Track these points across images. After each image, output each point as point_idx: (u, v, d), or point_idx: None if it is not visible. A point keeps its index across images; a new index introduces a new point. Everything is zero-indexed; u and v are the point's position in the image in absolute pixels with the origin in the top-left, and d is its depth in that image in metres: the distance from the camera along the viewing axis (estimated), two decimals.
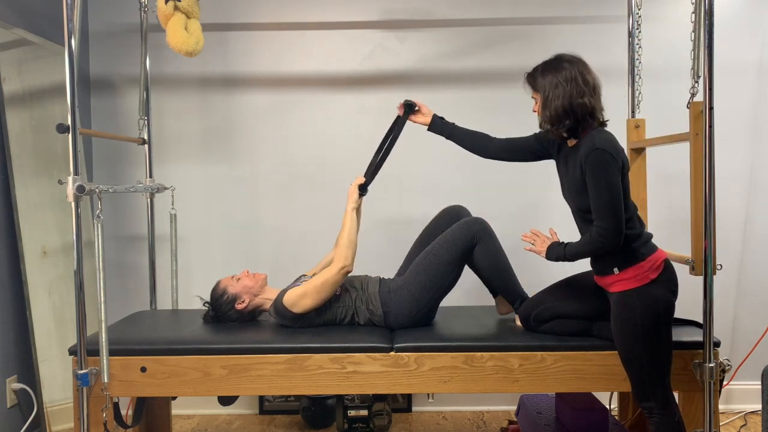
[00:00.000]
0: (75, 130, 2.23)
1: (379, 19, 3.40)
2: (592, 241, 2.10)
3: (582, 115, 2.13)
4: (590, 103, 2.12)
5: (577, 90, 2.11)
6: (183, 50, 2.68)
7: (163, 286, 3.30)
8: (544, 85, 2.17)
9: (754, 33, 3.35)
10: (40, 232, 2.88)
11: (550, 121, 2.17)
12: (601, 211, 2.07)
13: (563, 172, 2.28)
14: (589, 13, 3.36)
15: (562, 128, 2.16)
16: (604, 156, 2.06)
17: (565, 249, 2.19)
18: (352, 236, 2.49)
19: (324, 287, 2.45)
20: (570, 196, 2.23)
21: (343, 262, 2.44)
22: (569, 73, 2.13)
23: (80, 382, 2.22)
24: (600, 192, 2.06)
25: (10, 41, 2.82)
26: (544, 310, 2.36)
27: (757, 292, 3.40)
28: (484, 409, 3.47)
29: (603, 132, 2.15)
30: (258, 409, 3.47)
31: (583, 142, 2.14)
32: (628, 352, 2.10)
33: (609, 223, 2.06)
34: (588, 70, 2.17)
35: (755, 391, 3.35)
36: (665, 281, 2.12)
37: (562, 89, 2.12)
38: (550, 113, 2.15)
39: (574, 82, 2.12)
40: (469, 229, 2.51)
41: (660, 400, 2.08)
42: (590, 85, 2.14)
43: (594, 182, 2.07)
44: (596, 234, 2.09)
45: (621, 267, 2.12)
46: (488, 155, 2.53)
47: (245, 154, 3.43)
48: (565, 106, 2.12)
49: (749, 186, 3.38)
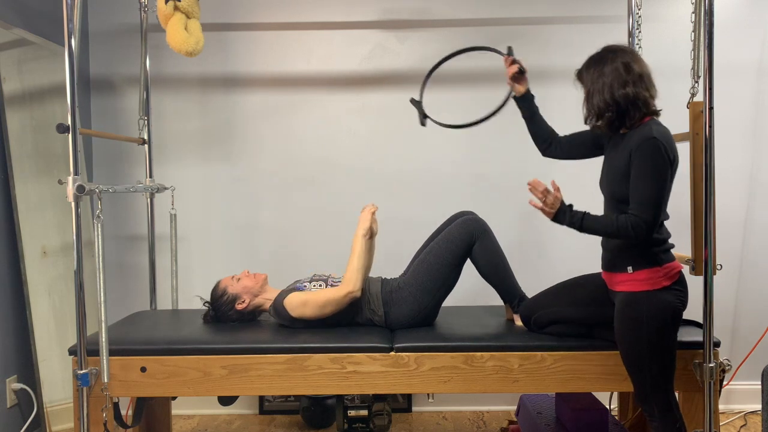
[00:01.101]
0: (75, 130, 2.23)
1: (379, 19, 3.40)
2: (620, 226, 2.01)
3: (625, 106, 2.06)
4: (633, 92, 2.05)
5: (618, 81, 2.05)
6: (183, 50, 2.68)
7: (163, 286, 3.30)
8: (587, 79, 2.14)
9: (754, 33, 3.35)
10: (40, 232, 2.88)
11: (590, 114, 2.14)
12: (642, 202, 2.00)
13: (608, 159, 2.20)
14: (589, 13, 3.36)
15: (606, 121, 2.11)
16: (658, 146, 1.99)
17: (582, 219, 2.07)
18: (362, 262, 2.47)
19: (326, 306, 2.44)
20: (608, 184, 2.16)
21: (351, 288, 2.44)
22: (611, 63, 2.07)
23: (80, 382, 2.22)
24: (646, 182, 2.00)
25: (10, 41, 2.82)
26: (544, 314, 2.35)
27: (757, 292, 3.40)
28: (484, 409, 3.47)
29: (660, 125, 2.08)
30: (258, 409, 3.47)
31: (637, 131, 2.07)
32: (631, 355, 2.08)
33: (648, 215, 1.99)
34: (635, 58, 2.09)
35: (755, 391, 3.35)
36: (677, 290, 2.08)
37: (603, 81, 2.07)
38: (592, 106, 2.12)
39: (616, 72, 2.06)
40: (467, 228, 2.51)
41: (662, 404, 2.07)
42: (635, 73, 2.06)
43: (642, 171, 2.00)
44: (629, 222, 2.00)
45: (636, 267, 2.07)
46: (551, 147, 2.46)
47: (245, 154, 3.43)
48: (606, 98, 2.07)
49: (749, 186, 3.39)
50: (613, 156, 2.16)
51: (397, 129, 3.41)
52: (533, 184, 2.09)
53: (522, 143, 3.39)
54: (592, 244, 3.27)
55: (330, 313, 2.45)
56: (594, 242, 3.28)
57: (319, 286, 2.55)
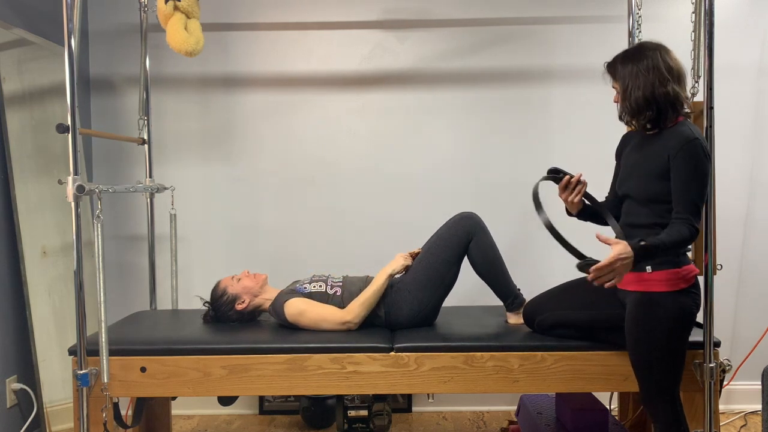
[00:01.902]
0: (75, 130, 2.23)
1: (379, 19, 3.40)
2: (684, 236, 1.93)
3: (665, 105, 2.03)
4: (674, 91, 2.02)
5: (660, 79, 2.01)
6: (183, 50, 2.68)
7: (163, 286, 3.30)
8: (624, 75, 2.07)
9: (754, 33, 3.35)
10: (40, 232, 2.88)
11: (630, 112, 2.08)
12: (692, 206, 1.96)
13: (634, 159, 2.14)
14: (589, 13, 3.36)
15: (644, 119, 2.06)
16: (703, 148, 1.97)
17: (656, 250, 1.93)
18: (375, 297, 2.46)
19: (322, 323, 2.44)
20: (637, 185, 2.10)
21: (351, 318, 2.43)
22: (651, 61, 2.03)
23: (80, 382, 2.22)
24: (693, 185, 1.96)
25: (10, 41, 2.81)
26: (549, 317, 2.33)
27: (757, 292, 3.40)
28: (484, 409, 3.46)
29: (694, 125, 2.04)
30: (258, 409, 3.47)
31: (672, 132, 2.03)
32: (641, 355, 2.05)
33: (698, 217, 1.96)
34: (672, 56, 2.06)
35: (755, 391, 3.35)
36: (693, 294, 2.05)
37: (644, 78, 2.02)
38: (631, 104, 2.06)
39: (656, 70, 2.02)
40: (463, 225, 2.51)
41: (667, 407, 2.05)
42: (674, 72, 2.03)
43: (689, 174, 1.96)
44: (687, 229, 1.94)
45: (655, 267, 2.02)
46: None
47: (245, 154, 3.43)
48: (647, 96, 2.02)
49: (749, 186, 3.39)
50: (644, 156, 2.10)
51: (397, 129, 3.41)
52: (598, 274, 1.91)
53: (522, 144, 3.40)
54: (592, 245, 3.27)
55: (323, 330, 2.44)
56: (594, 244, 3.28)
57: (319, 287, 2.55)
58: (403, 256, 2.55)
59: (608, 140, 3.26)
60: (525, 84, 3.38)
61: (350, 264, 3.30)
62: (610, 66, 2.15)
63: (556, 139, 3.39)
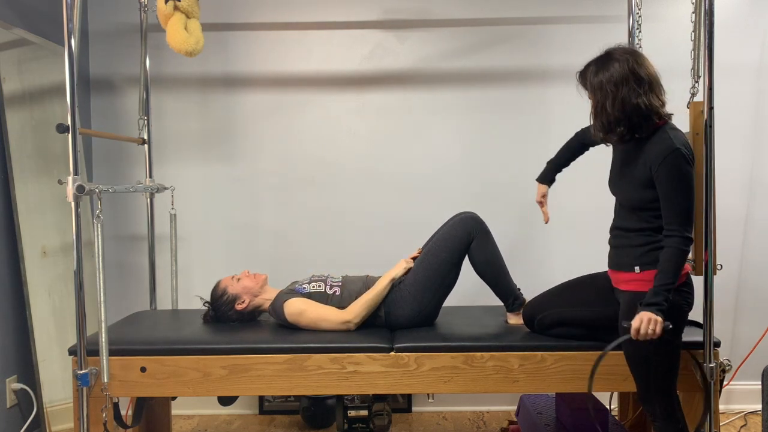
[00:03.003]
0: (75, 130, 2.23)
1: (379, 19, 3.40)
2: (677, 254, 1.95)
3: (637, 120, 1.99)
4: (645, 103, 1.97)
5: (629, 92, 1.97)
6: (183, 50, 2.68)
7: (163, 286, 3.30)
8: (594, 90, 2.04)
9: (754, 33, 3.35)
10: (40, 232, 2.88)
11: (602, 128, 2.05)
12: (680, 216, 1.95)
13: (619, 161, 2.15)
14: (589, 13, 3.36)
15: (615, 136, 2.05)
16: (685, 158, 1.95)
17: (666, 291, 1.94)
18: (376, 300, 2.46)
19: (321, 323, 2.44)
20: (623, 191, 2.12)
21: (351, 318, 2.43)
22: (619, 73, 1.98)
23: (80, 382, 2.22)
24: (679, 196, 1.95)
25: (10, 41, 2.81)
26: (549, 316, 2.33)
27: (757, 292, 3.40)
28: (484, 409, 3.46)
29: (676, 129, 2.03)
30: (258, 409, 3.47)
31: (654, 140, 2.01)
32: (635, 355, 2.06)
33: (687, 226, 1.95)
34: (642, 63, 2.00)
35: (755, 391, 3.35)
36: (683, 292, 2.05)
37: (612, 94, 1.98)
38: (602, 121, 2.03)
39: (625, 83, 1.97)
40: (464, 225, 2.51)
41: (664, 406, 2.06)
42: (645, 82, 1.98)
43: (672, 186, 1.96)
44: (678, 244, 1.95)
45: (644, 267, 2.04)
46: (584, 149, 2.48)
47: (245, 154, 3.43)
48: (617, 113, 1.99)
49: (749, 186, 3.39)
50: (627, 162, 2.10)
51: (397, 129, 3.41)
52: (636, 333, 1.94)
53: (522, 144, 3.40)
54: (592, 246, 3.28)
55: (323, 330, 2.44)
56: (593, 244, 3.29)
57: (318, 287, 2.55)
58: (406, 261, 2.55)
59: None
60: (525, 84, 3.38)
61: (350, 264, 3.30)
62: (580, 77, 2.11)
63: (556, 139, 3.38)
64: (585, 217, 3.34)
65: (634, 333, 1.95)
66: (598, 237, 2.88)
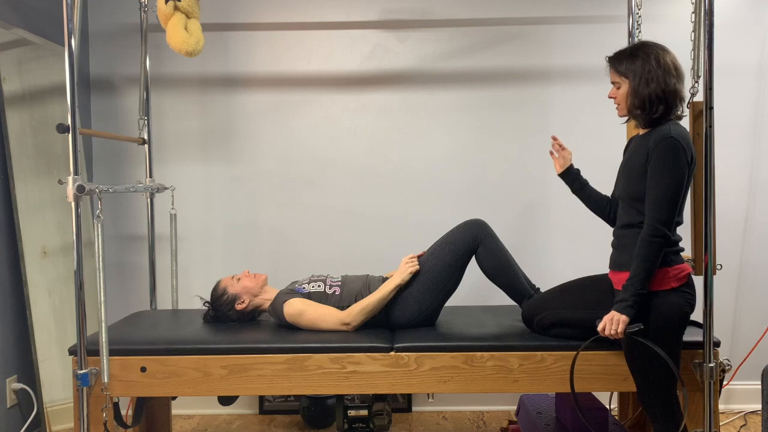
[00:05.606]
0: (75, 130, 2.23)
1: (379, 19, 3.40)
2: (643, 245, 1.98)
3: (674, 101, 2.06)
4: (681, 90, 2.06)
5: (669, 77, 2.04)
6: (183, 50, 2.68)
7: (163, 286, 3.30)
8: (634, 70, 2.07)
9: (754, 33, 3.35)
10: (40, 232, 2.88)
11: (641, 106, 2.06)
12: (657, 201, 1.97)
13: (624, 160, 2.20)
14: (589, 13, 3.36)
15: (654, 114, 2.06)
16: (676, 145, 1.98)
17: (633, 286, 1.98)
18: (378, 305, 2.45)
19: (321, 323, 2.43)
20: (625, 185, 2.13)
21: (350, 320, 2.42)
22: (662, 59, 2.05)
23: (80, 382, 2.22)
24: (661, 181, 1.98)
25: (10, 41, 2.82)
26: (548, 316, 2.33)
27: (757, 292, 3.40)
28: (484, 409, 3.47)
29: (679, 125, 2.06)
30: (258, 409, 3.47)
31: (656, 131, 2.05)
32: (635, 356, 2.06)
33: (661, 214, 1.96)
34: (673, 56, 2.10)
35: (755, 391, 3.35)
36: (685, 293, 2.05)
37: (655, 74, 2.04)
38: (642, 99, 2.06)
39: (666, 66, 2.04)
40: (469, 231, 2.51)
41: (664, 406, 2.06)
42: (680, 70, 2.08)
43: (658, 170, 1.98)
44: (646, 233, 1.98)
45: None
46: (611, 211, 2.38)
47: (245, 154, 3.43)
48: (658, 92, 2.03)
49: (749, 186, 3.39)
50: (631, 155, 2.13)
51: (397, 129, 3.41)
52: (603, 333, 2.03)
53: (522, 144, 3.40)
54: (593, 246, 3.28)
55: (321, 330, 2.44)
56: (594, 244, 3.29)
57: (318, 287, 2.55)
58: (410, 264, 2.51)
59: (608, 140, 3.27)
60: (525, 84, 3.38)
61: (350, 264, 3.30)
62: (614, 60, 2.14)
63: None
64: (585, 217, 3.33)
65: (600, 332, 2.03)
66: (598, 237, 2.88)
